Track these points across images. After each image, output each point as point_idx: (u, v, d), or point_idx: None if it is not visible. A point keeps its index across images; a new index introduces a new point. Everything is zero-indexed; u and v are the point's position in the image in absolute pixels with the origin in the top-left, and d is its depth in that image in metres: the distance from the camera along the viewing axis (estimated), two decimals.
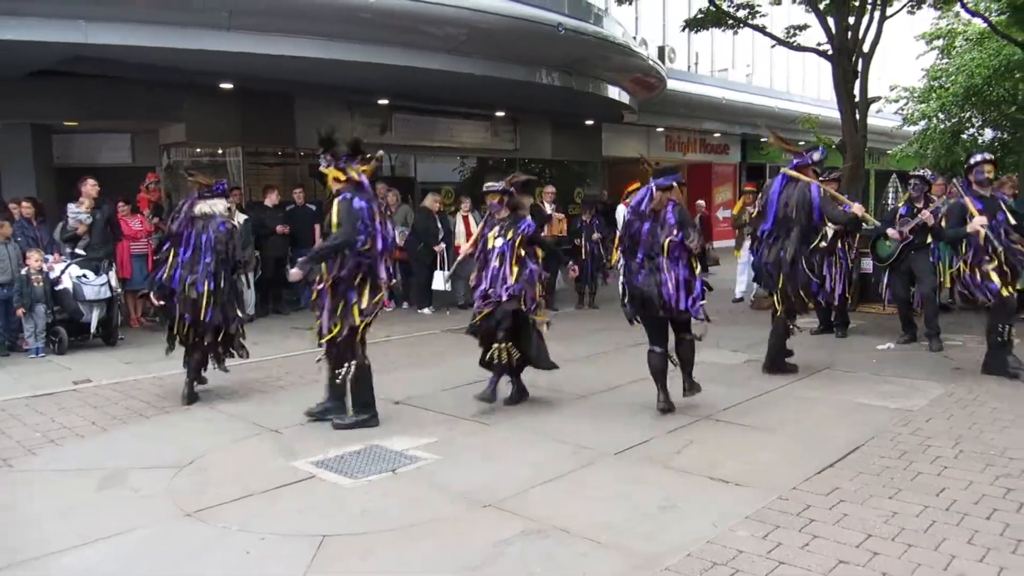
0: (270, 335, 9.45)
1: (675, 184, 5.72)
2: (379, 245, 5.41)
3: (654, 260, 5.52)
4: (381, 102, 13.82)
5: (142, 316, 10.21)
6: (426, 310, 11.12)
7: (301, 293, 10.57)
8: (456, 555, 3.56)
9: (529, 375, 6.26)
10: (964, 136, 18.65)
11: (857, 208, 6.34)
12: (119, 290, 8.99)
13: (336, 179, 5.51)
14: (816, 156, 6.76)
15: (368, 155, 5.70)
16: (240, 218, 10.38)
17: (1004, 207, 6.62)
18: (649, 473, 4.55)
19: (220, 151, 12.95)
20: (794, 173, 6.61)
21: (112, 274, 8.71)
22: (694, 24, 14.16)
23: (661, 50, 19.57)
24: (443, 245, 11.00)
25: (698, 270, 5.58)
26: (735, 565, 3.37)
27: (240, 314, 6.41)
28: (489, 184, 6.14)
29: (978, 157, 6.93)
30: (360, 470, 4.67)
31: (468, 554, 3.55)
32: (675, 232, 5.47)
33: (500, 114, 15.88)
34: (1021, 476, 4.32)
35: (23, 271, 8.11)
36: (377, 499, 4.24)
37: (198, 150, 12.85)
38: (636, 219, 5.66)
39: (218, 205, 6.19)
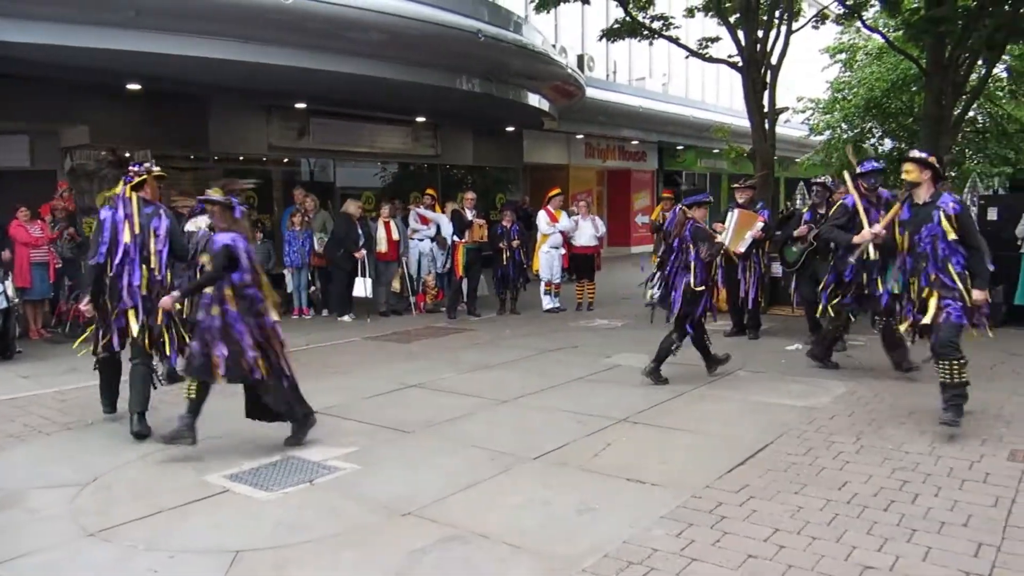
0: None
1: (701, 203, 6.88)
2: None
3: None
4: (299, 106, 13.56)
5: (42, 328, 9.74)
6: (346, 317, 10.96)
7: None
8: (374, 565, 3.52)
9: (456, 383, 6.24)
10: (866, 145, 19.59)
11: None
12: (16, 300, 8.53)
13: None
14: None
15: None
16: None
17: (944, 217, 5.26)
18: (567, 476, 4.60)
19: (127, 154, 12.46)
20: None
21: (8, 283, 8.24)
22: (611, 34, 14.43)
23: (580, 58, 19.87)
24: (364, 251, 10.88)
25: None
26: (650, 564, 3.44)
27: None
28: (207, 194, 5.35)
29: (868, 166, 6.93)
30: (276, 482, 4.57)
31: (387, 563, 3.52)
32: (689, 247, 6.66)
33: (421, 120, 15.81)
34: (916, 469, 4.57)
35: None
36: (293, 511, 4.15)
37: (103, 153, 12.33)
38: (667, 236, 6.96)
39: (201, 221, 6.10)
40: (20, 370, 7.82)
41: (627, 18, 13.83)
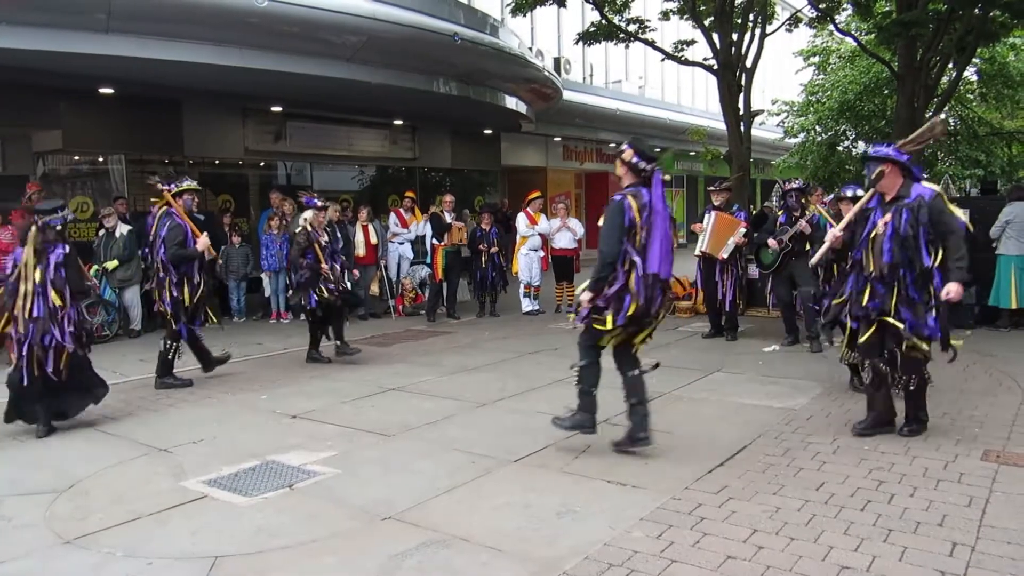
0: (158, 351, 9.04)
1: None
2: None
3: None
4: (275, 109, 13.50)
5: None
6: None
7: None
8: (355, 570, 3.51)
9: (435, 386, 6.22)
10: (839, 148, 19.85)
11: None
12: None
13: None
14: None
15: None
16: (124, 229, 9.94)
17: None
18: (547, 479, 4.61)
19: (101, 159, 12.33)
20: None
21: None
22: (587, 37, 14.52)
23: (557, 61, 19.97)
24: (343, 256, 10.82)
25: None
26: (630, 565, 3.47)
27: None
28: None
29: (850, 192, 6.75)
30: (255, 487, 4.54)
31: (367, 568, 3.51)
32: None
33: (399, 122, 15.79)
34: (891, 469, 4.63)
35: None
36: (273, 516, 4.13)
37: (76, 158, 12.18)
38: None
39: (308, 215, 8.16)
40: None
41: (603, 21, 13.92)
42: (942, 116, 5.60)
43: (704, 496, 4.25)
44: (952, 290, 4.83)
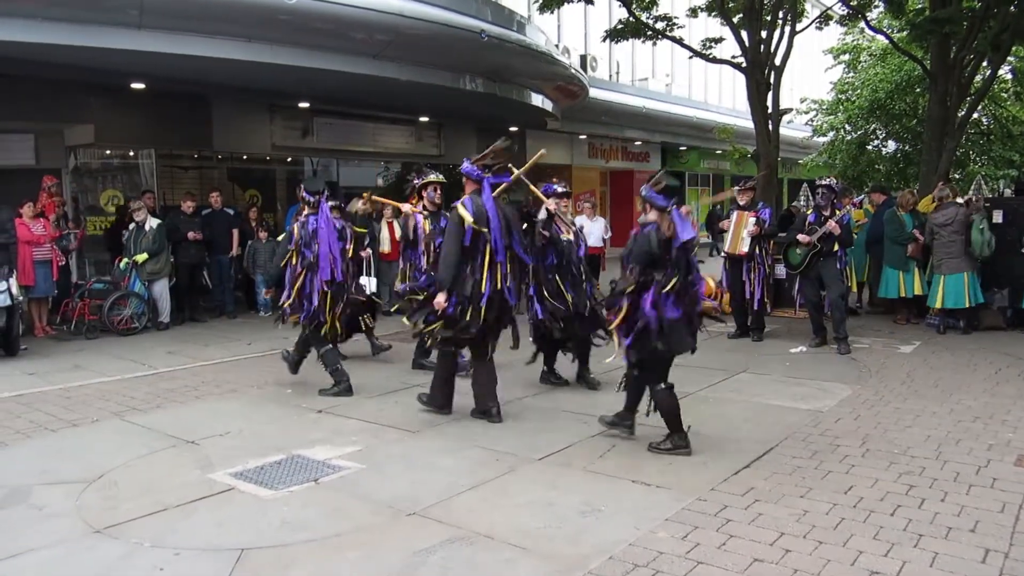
0: (186, 344, 9.16)
1: None
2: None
3: None
4: (302, 105, 13.58)
5: (47, 325, 9.75)
6: None
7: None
8: (379, 565, 3.52)
9: (460, 382, 6.22)
10: (869, 147, 19.58)
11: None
12: (20, 298, 8.53)
13: None
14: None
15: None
16: (153, 223, 10.06)
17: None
18: (572, 478, 4.60)
19: (131, 153, 12.49)
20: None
21: (12, 281, 8.23)
22: (614, 34, 14.44)
23: (583, 59, 19.87)
24: (369, 251, 10.87)
25: None
26: (655, 566, 3.44)
27: None
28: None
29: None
30: (281, 481, 4.57)
31: (391, 564, 3.52)
32: None
33: (424, 119, 15.82)
34: (922, 474, 4.55)
35: None
36: (298, 510, 4.15)
37: (107, 152, 12.35)
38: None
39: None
40: (26, 367, 7.83)
41: (631, 18, 13.83)
42: (506, 141, 5.98)
43: (730, 498, 4.21)
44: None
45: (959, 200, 9.52)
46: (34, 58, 8.98)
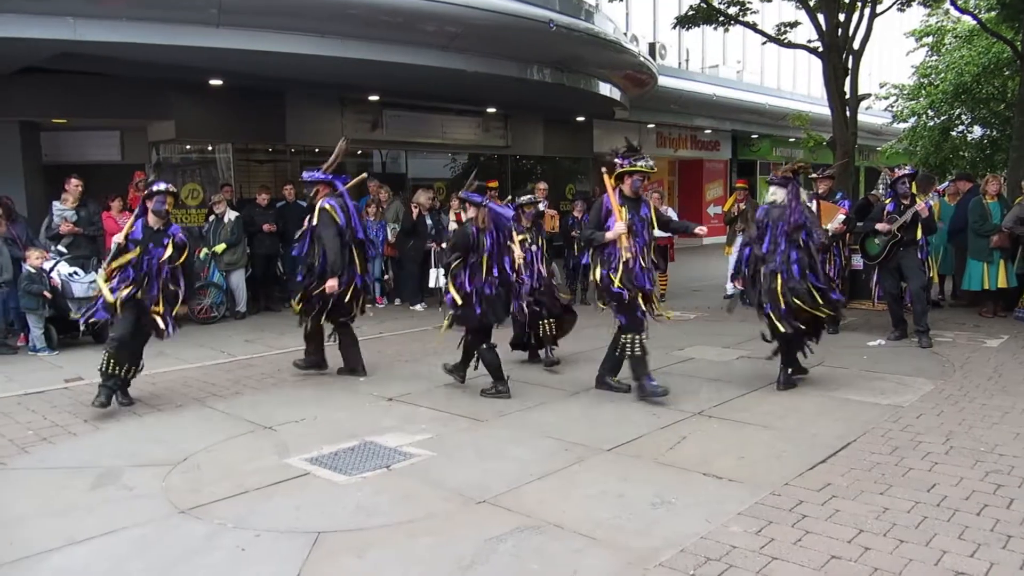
0: (263, 332, 9.43)
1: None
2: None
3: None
4: (372, 98, 13.80)
5: None
6: (418, 306, 11.12)
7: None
8: (452, 551, 3.57)
9: (527, 373, 6.25)
10: (953, 133, 18.76)
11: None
12: None
13: None
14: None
15: None
16: (232, 215, 10.38)
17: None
18: (642, 469, 4.57)
19: (210, 148, 12.90)
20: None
21: (100, 272, 8.63)
22: (685, 21, 14.19)
23: (652, 46, 19.58)
24: (434, 243, 11.01)
25: None
26: (728, 560, 3.39)
27: None
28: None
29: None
30: (354, 467, 4.68)
31: (463, 550, 3.56)
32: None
33: (491, 110, 15.87)
34: (1011, 472, 4.36)
35: (25, 268, 8.07)
36: (371, 496, 4.24)
37: (187, 147, 12.80)
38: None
39: None
40: None
41: (702, 4, 13.56)
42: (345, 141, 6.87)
43: (806, 493, 4.12)
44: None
45: None
46: (120, 57, 9.37)
